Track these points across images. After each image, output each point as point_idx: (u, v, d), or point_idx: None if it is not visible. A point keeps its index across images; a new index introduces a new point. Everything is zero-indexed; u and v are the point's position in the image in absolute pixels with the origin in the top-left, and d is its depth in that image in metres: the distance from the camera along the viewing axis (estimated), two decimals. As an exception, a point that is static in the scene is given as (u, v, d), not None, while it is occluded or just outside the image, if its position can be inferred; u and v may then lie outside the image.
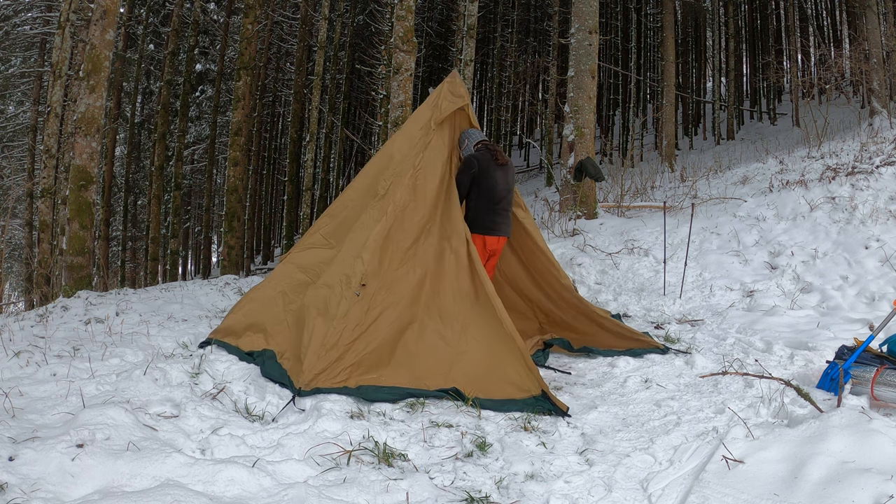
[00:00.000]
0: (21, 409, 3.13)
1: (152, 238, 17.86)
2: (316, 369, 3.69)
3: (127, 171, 22.05)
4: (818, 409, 3.31)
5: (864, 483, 2.46)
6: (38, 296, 9.80)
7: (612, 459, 3.06)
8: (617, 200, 10.05)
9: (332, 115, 21.02)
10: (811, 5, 25.73)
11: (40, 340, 4.49)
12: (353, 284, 3.97)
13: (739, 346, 4.84)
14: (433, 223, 4.35)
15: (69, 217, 7.41)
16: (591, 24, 9.08)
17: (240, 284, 7.75)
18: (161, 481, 2.53)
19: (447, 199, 4.43)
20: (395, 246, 4.21)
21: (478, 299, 4.14)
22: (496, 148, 4.71)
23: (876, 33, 12.75)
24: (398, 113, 7.93)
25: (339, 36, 19.73)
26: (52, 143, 12.40)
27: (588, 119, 9.19)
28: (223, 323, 4.67)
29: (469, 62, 11.67)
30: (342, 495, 2.63)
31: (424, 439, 3.27)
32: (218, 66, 19.90)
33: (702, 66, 27.52)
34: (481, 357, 3.98)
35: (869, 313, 5.40)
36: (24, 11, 18.20)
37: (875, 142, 9.88)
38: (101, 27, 7.40)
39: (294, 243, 20.32)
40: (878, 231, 6.66)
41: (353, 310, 3.92)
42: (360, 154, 28.61)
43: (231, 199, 12.60)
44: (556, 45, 19.56)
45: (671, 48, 17.52)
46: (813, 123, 12.38)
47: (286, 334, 4.23)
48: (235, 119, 12.83)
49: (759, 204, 8.17)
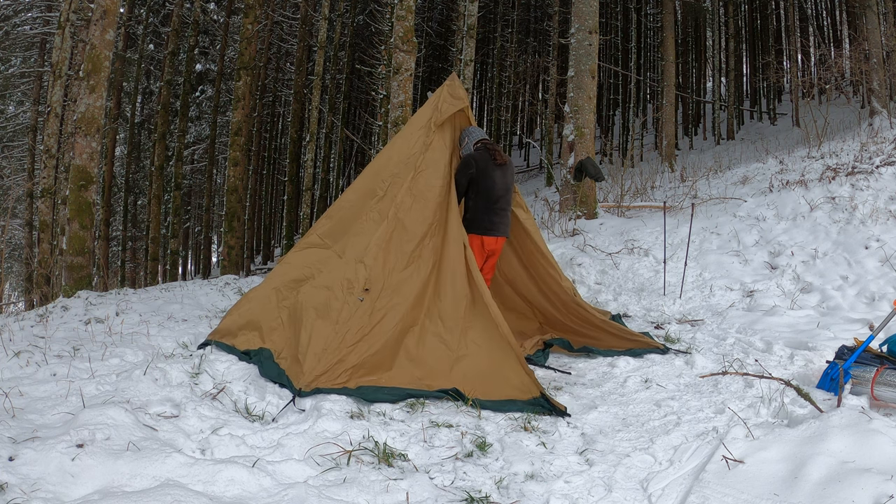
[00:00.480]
0: (21, 409, 3.13)
1: (152, 238, 17.86)
2: (316, 371, 3.69)
3: (127, 171, 22.05)
4: (818, 409, 3.31)
5: (864, 483, 2.46)
6: (38, 296, 9.80)
7: (612, 459, 3.06)
8: (617, 200, 10.05)
9: (332, 115, 21.02)
10: (811, 5, 25.74)
11: (40, 340, 4.49)
12: (356, 290, 3.98)
13: (739, 346, 4.84)
14: (438, 224, 4.35)
15: (69, 217, 7.41)
16: (591, 24, 9.08)
17: (240, 284, 7.75)
18: (161, 481, 2.53)
19: (450, 200, 4.43)
20: (398, 248, 4.21)
21: (475, 303, 4.14)
22: (495, 147, 4.70)
23: (876, 33, 12.75)
24: (398, 113, 7.93)
25: (339, 36, 19.73)
26: (52, 143, 12.40)
27: (588, 119, 9.19)
28: (221, 324, 4.68)
29: (469, 62, 11.67)
30: (342, 495, 2.63)
31: (424, 439, 3.27)
32: (218, 66, 19.90)
33: (702, 66, 27.52)
34: (481, 359, 3.98)
35: (869, 313, 5.40)
36: (24, 11, 18.20)
37: (875, 142, 9.88)
38: (101, 27, 7.40)
39: (294, 243, 20.32)
40: (878, 231, 6.65)
41: (357, 314, 3.92)
42: (360, 154, 28.62)
43: (231, 199, 12.61)
44: (556, 45, 19.56)
45: (671, 48, 17.52)
46: (813, 123, 12.38)
47: (281, 332, 4.23)
48: (235, 119, 12.83)
49: (759, 204, 8.17)
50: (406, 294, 4.11)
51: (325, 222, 4.63)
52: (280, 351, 4.10)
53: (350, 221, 4.44)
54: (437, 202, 4.38)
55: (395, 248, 4.20)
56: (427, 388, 3.86)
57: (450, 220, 4.34)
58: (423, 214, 4.31)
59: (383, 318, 4.00)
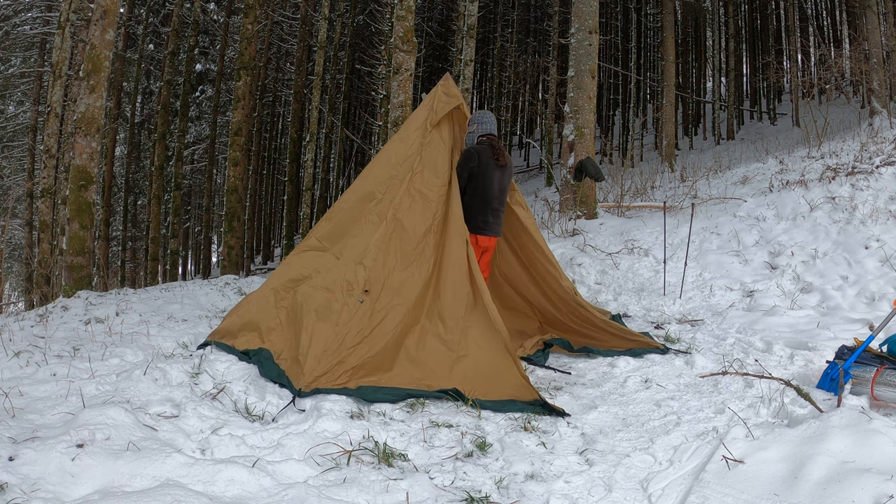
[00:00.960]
0: (21, 409, 3.13)
1: (152, 238, 17.86)
2: (317, 372, 3.69)
3: (127, 171, 22.05)
4: (818, 409, 3.31)
5: (864, 483, 2.46)
6: (38, 296, 9.80)
7: (612, 459, 3.06)
8: (617, 200, 10.05)
9: (332, 115, 21.01)
10: (811, 5, 25.73)
11: (40, 340, 4.49)
12: (356, 291, 3.98)
13: (739, 346, 4.84)
14: (438, 223, 4.35)
15: (69, 217, 7.40)
16: (591, 24, 9.08)
17: (240, 284, 7.74)
18: (161, 481, 2.53)
19: (451, 198, 4.43)
20: (397, 249, 4.21)
21: (476, 303, 4.14)
22: (499, 147, 4.67)
23: (876, 33, 12.75)
24: (398, 113, 7.93)
25: (339, 36, 19.73)
26: (52, 143, 12.40)
27: (588, 119, 9.19)
28: (221, 324, 4.68)
29: (469, 62, 11.67)
30: (342, 495, 2.63)
31: (424, 439, 3.27)
32: (218, 66, 19.90)
33: (702, 66, 27.52)
34: (481, 359, 3.98)
35: (869, 313, 5.40)
36: (24, 11, 18.20)
37: (875, 142, 9.88)
38: (101, 27, 7.40)
39: (294, 244, 20.32)
40: (878, 231, 6.65)
41: (357, 315, 3.92)
42: (360, 154, 28.62)
43: (231, 199, 12.61)
44: (556, 45, 19.56)
45: (671, 48, 17.52)
46: (813, 123, 12.38)
47: (280, 332, 4.23)
48: (235, 119, 12.83)
49: (759, 204, 8.17)
50: (406, 295, 4.11)
51: (323, 225, 4.63)
52: (280, 352, 4.11)
53: (349, 223, 4.44)
54: (437, 201, 4.37)
55: (394, 249, 4.20)
56: (427, 388, 3.86)
57: (450, 218, 4.34)
58: (422, 214, 4.31)
59: (383, 320, 4.00)
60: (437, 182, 4.41)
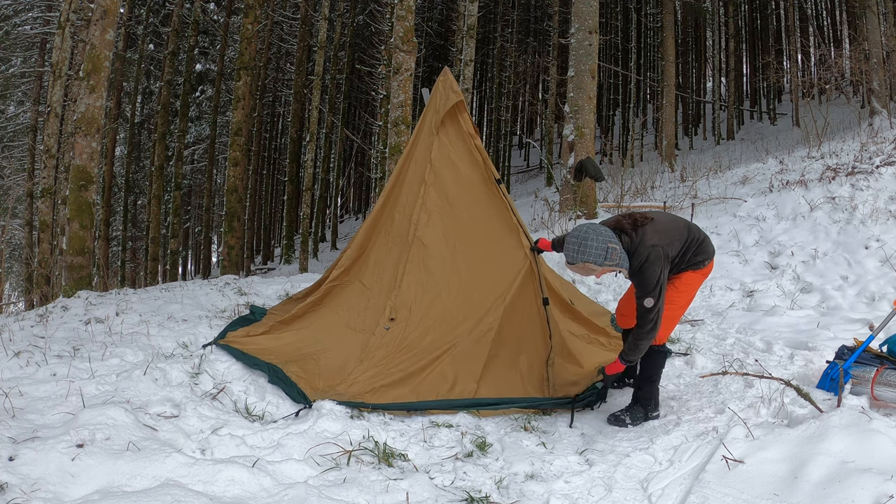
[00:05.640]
0: (21, 409, 3.13)
1: (152, 238, 17.86)
2: (331, 394, 3.64)
3: (127, 171, 22.05)
4: (818, 409, 3.30)
5: (865, 483, 2.46)
6: (38, 296, 9.80)
7: (612, 459, 3.06)
8: (617, 200, 10.05)
9: (332, 115, 21.02)
10: (811, 5, 25.73)
11: (40, 340, 4.48)
12: (383, 319, 3.98)
13: (739, 346, 4.84)
14: (464, 237, 4.22)
15: (69, 217, 7.40)
16: (591, 24, 9.08)
17: (240, 284, 7.73)
18: (161, 481, 2.53)
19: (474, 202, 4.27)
20: (421, 270, 4.13)
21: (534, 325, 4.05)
22: (639, 217, 3.67)
23: (876, 33, 12.76)
24: (398, 113, 7.93)
25: (339, 36, 19.74)
26: (52, 143, 12.40)
27: (588, 119, 9.19)
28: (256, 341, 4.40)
29: (469, 62, 11.68)
30: (342, 495, 2.63)
31: (424, 439, 3.27)
32: (218, 66, 19.90)
33: (702, 66, 27.52)
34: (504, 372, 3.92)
35: (869, 313, 5.39)
36: (24, 11, 18.19)
37: (875, 142, 9.88)
38: (101, 27, 7.39)
39: (294, 243, 20.29)
40: (878, 231, 6.65)
41: (384, 342, 3.89)
42: (361, 154, 28.62)
43: (231, 199, 12.60)
44: (556, 45, 19.57)
45: (671, 48, 17.52)
46: (813, 123, 12.37)
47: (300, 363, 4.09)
48: (235, 119, 12.83)
49: (759, 204, 8.16)
50: (435, 317, 3.99)
51: (348, 254, 4.57)
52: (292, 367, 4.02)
53: (371, 250, 4.42)
54: (461, 207, 4.24)
55: (417, 271, 4.11)
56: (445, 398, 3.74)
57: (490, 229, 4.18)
58: (442, 230, 4.20)
59: (408, 346, 3.89)
60: (457, 188, 4.28)
